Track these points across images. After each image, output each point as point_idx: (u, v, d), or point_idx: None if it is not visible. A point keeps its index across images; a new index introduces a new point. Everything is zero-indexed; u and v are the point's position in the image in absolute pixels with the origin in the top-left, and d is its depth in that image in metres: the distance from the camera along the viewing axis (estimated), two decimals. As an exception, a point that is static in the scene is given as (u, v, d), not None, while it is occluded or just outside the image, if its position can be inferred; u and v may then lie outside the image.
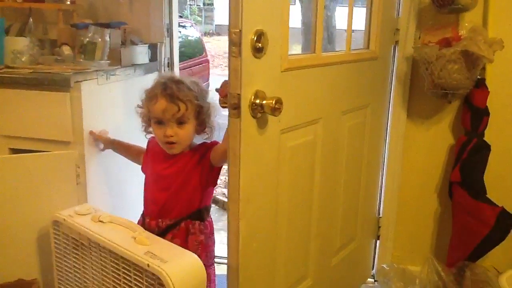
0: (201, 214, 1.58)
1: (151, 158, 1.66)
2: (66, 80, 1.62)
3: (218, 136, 1.58)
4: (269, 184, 1.35)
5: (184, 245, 1.49)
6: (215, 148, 1.53)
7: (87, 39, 1.82)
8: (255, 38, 1.14)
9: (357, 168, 1.88)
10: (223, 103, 1.24)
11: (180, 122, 1.51)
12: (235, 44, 1.11)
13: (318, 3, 1.45)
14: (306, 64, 1.43)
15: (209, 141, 1.60)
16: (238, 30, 1.10)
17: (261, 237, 1.35)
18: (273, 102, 1.18)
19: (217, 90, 1.37)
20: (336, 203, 1.75)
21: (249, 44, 1.14)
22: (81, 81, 1.66)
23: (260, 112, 1.20)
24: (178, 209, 1.56)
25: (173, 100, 1.49)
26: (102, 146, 1.80)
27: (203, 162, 1.54)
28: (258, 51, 1.16)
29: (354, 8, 1.64)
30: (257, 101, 1.18)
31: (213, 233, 1.64)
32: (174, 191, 1.55)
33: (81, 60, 1.82)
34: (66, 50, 1.89)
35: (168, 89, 1.50)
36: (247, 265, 1.30)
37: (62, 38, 1.96)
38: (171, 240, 1.46)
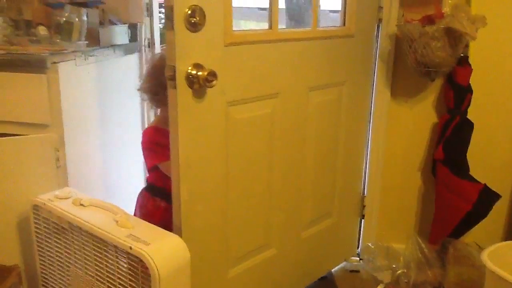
0: None
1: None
2: (42, 61, 1.57)
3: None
4: (215, 153, 1.42)
5: None
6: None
7: (64, 19, 1.77)
8: (189, 12, 1.20)
9: (331, 145, 1.90)
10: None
11: None
12: (168, 18, 1.18)
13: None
14: (259, 39, 1.48)
15: None
16: (171, 5, 1.17)
17: (206, 202, 1.43)
18: (206, 74, 1.24)
19: None
20: (303, 178, 1.79)
21: (183, 18, 1.20)
22: (58, 62, 1.61)
23: (197, 84, 1.26)
24: None
25: None
26: None
27: None
28: (193, 25, 1.23)
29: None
30: (193, 72, 1.25)
31: None
32: None
33: (58, 40, 1.77)
34: (42, 30, 1.82)
35: None
36: (190, 226, 1.38)
37: (37, 18, 1.89)
38: None
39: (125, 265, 1.26)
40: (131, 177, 2.22)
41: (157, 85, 1.55)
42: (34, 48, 1.73)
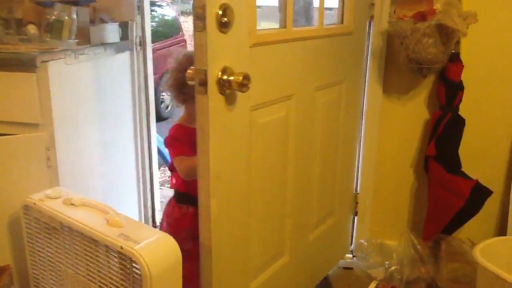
0: None
1: (193, 144, 1.58)
2: (32, 60, 1.57)
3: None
4: (240, 161, 1.33)
5: None
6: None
7: (54, 17, 1.76)
8: (220, 12, 1.11)
9: (333, 145, 1.88)
10: (190, 79, 1.20)
11: None
12: (200, 19, 1.08)
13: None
14: (277, 39, 1.41)
15: None
16: (203, 4, 1.08)
17: (233, 214, 1.34)
18: (241, 78, 1.16)
19: None
20: (312, 180, 1.75)
21: (214, 18, 1.11)
22: (48, 61, 1.61)
23: (228, 89, 1.18)
24: None
25: None
26: None
27: None
28: (224, 25, 1.13)
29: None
30: (225, 77, 1.16)
31: None
32: None
33: (48, 39, 1.76)
34: (32, 29, 1.81)
35: None
36: (219, 243, 1.29)
37: (27, 16, 1.88)
38: None
39: (116, 265, 1.25)
40: (123, 176, 2.22)
41: (183, 82, 1.49)
42: (24, 47, 1.72)
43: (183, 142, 1.58)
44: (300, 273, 1.79)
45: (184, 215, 1.62)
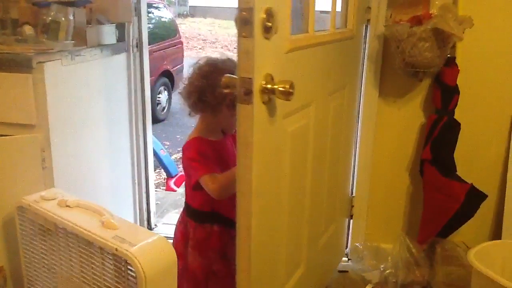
0: None
1: (215, 159, 1.51)
2: (27, 61, 1.56)
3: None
4: (274, 174, 1.26)
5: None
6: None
7: (50, 18, 1.75)
8: (265, 17, 1.03)
9: (337, 149, 1.84)
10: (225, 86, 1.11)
11: None
12: (246, 23, 1.00)
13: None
14: (306, 43, 1.35)
15: None
16: (250, 7, 0.99)
17: (268, 230, 1.26)
18: (288, 86, 1.07)
19: None
20: (323, 186, 1.70)
21: (260, 23, 1.02)
22: (44, 61, 1.60)
23: (269, 97, 1.10)
24: None
25: None
26: None
27: None
28: (267, 31, 1.05)
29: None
30: (269, 85, 1.07)
31: None
32: None
33: (44, 40, 1.75)
34: (28, 29, 1.81)
35: None
36: (257, 263, 1.19)
37: (23, 17, 1.88)
38: None
39: (111, 267, 1.25)
40: (118, 178, 2.21)
41: (203, 90, 1.44)
42: (20, 47, 1.71)
43: (209, 157, 1.48)
44: (310, 282, 1.72)
45: (209, 235, 1.53)
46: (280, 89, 1.08)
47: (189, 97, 1.47)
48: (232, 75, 1.08)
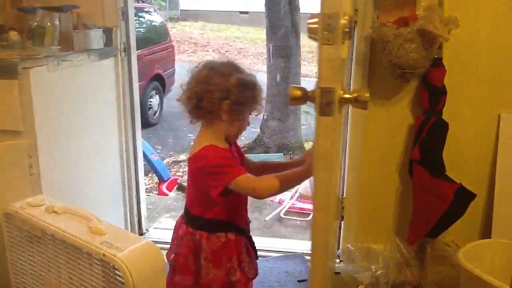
0: None
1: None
2: (13, 67, 1.56)
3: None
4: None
5: None
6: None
7: (36, 24, 1.75)
8: (345, 22, 0.97)
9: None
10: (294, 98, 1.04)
11: None
12: (330, 30, 0.91)
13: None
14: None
15: None
16: (335, 12, 0.91)
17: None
18: (367, 95, 1.02)
19: None
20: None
21: (341, 30, 0.95)
22: (30, 67, 1.60)
23: (343, 107, 1.05)
24: None
25: None
26: None
27: None
28: (344, 37, 1.00)
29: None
30: (346, 95, 1.01)
31: None
32: None
33: (30, 45, 1.75)
34: (13, 35, 1.80)
35: None
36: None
37: (9, 22, 1.87)
38: None
39: (99, 272, 1.24)
40: (108, 183, 2.20)
41: (201, 96, 1.37)
42: (5, 53, 1.70)
43: (233, 160, 1.42)
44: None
45: (225, 244, 1.43)
46: (361, 98, 1.02)
47: (187, 103, 1.40)
48: (298, 86, 1.01)
